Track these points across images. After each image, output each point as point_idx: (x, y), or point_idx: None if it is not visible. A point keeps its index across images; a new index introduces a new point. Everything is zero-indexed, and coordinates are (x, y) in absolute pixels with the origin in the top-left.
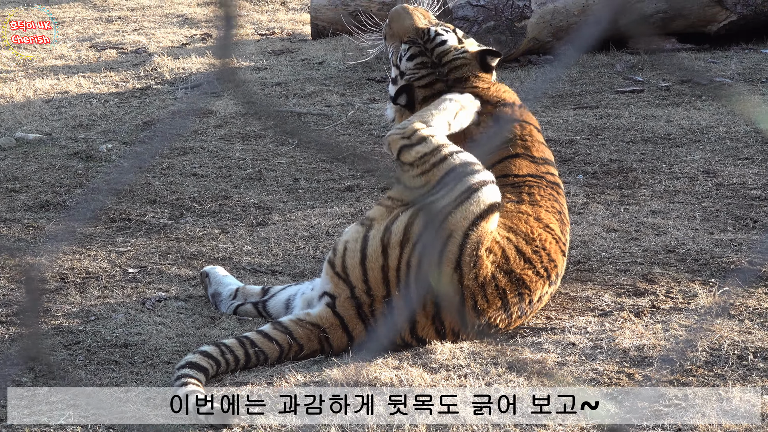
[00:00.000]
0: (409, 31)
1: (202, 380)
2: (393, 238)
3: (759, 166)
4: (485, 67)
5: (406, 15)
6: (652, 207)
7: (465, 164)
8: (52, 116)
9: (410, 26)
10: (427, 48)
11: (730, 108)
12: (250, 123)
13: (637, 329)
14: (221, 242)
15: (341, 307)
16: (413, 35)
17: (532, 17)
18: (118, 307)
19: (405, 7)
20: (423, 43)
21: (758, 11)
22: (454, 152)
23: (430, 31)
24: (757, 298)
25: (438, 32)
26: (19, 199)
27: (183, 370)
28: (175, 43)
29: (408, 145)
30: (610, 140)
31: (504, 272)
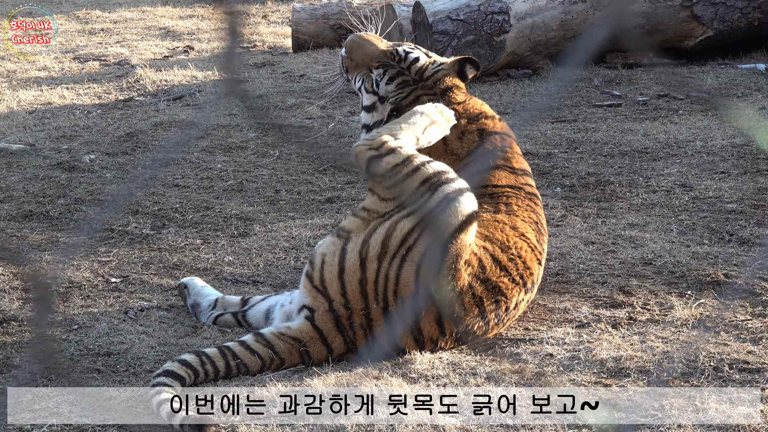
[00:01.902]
0: (376, 56)
1: (177, 389)
2: (371, 252)
3: (735, 180)
4: (463, 76)
5: (366, 42)
6: (630, 220)
7: (439, 173)
8: (35, 127)
9: (375, 51)
10: (403, 67)
11: (730, 122)
12: (232, 135)
13: (614, 340)
14: (203, 252)
15: (320, 321)
16: (383, 59)
17: (511, 32)
18: (100, 317)
19: (361, 35)
20: (397, 64)
21: (734, 27)
22: (425, 162)
23: (399, 51)
24: (732, 310)
25: (407, 50)
26: (2, 209)
27: (159, 378)
28: (157, 55)
29: (377, 156)
30: (587, 154)
31: (480, 281)
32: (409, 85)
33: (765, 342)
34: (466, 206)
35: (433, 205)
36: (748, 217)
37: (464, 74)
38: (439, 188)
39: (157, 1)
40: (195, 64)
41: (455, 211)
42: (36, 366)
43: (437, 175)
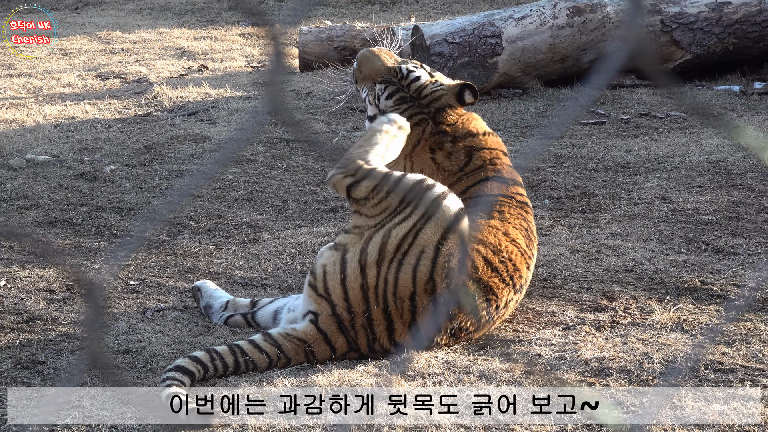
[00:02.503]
0: (381, 71)
1: (186, 383)
2: (369, 259)
3: (711, 193)
4: (461, 100)
5: (374, 57)
6: (613, 230)
7: (419, 182)
8: (60, 140)
9: (381, 67)
10: (403, 85)
11: (732, 140)
12: (243, 148)
13: (598, 342)
14: (215, 257)
15: (323, 324)
16: (386, 75)
17: (503, 54)
18: (120, 317)
19: (371, 50)
20: (398, 81)
21: (711, 51)
22: (402, 175)
23: (402, 69)
24: (708, 314)
25: (410, 69)
26: (29, 216)
27: (169, 373)
28: (173, 73)
29: (355, 182)
30: (574, 168)
31: (473, 279)
32: (406, 102)
33: (738, 344)
34: (452, 206)
35: (422, 210)
36: (723, 228)
37: (462, 98)
38: (425, 195)
39: (173, 23)
40: (208, 82)
41: (444, 212)
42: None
43: (418, 183)
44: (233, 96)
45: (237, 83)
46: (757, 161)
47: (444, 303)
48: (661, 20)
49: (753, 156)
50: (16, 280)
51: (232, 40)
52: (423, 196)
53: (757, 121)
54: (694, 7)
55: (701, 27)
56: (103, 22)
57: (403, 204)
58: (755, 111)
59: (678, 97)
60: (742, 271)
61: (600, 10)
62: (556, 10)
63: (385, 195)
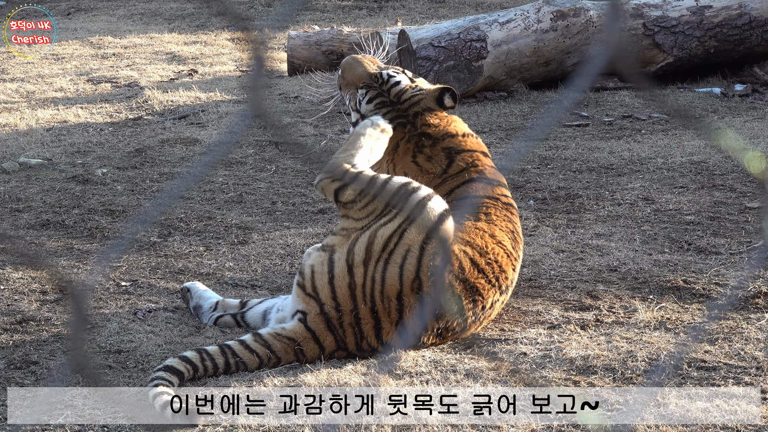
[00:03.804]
0: (363, 77)
1: (174, 383)
2: (356, 258)
3: (693, 194)
4: (441, 104)
5: (357, 64)
6: (597, 230)
7: (405, 184)
8: (52, 143)
9: (363, 73)
10: (383, 90)
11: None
12: (232, 151)
13: (582, 341)
14: (206, 259)
15: (312, 322)
16: (367, 80)
17: (488, 57)
18: (111, 317)
19: (354, 57)
20: (378, 86)
21: (692, 54)
22: (388, 178)
23: (383, 74)
24: (690, 313)
25: (390, 74)
26: (22, 218)
27: (158, 372)
28: (164, 77)
29: (342, 186)
30: (558, 169)
31: (460, 280)
32: (386, 106)
33: (721, 342)
34: (436, 208)
35: (408, 212)
36: (705, 228)
37: (442, 102)
38: (410, 197)
39: (164, 29)
40: (198, 86)
41: (428, 214)
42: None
43: (404, 186)
44: (223, 99)
45: (226, 87)
46: (738, 162)
47: (430, 301)
48: (644, 24)
49: (733, 158)
50: (9, 281)
51: (221, 44)
52: (408, 198)
53: (738, 123)
54: (676, 11)
55: (683, 30)
56: (94, 28)
57: (389, 206)
58: (736, 113)
59: (658, 100)
60: (724, 270)
61: (583, 14)
62: (540, 14)
63: (372, 198)
